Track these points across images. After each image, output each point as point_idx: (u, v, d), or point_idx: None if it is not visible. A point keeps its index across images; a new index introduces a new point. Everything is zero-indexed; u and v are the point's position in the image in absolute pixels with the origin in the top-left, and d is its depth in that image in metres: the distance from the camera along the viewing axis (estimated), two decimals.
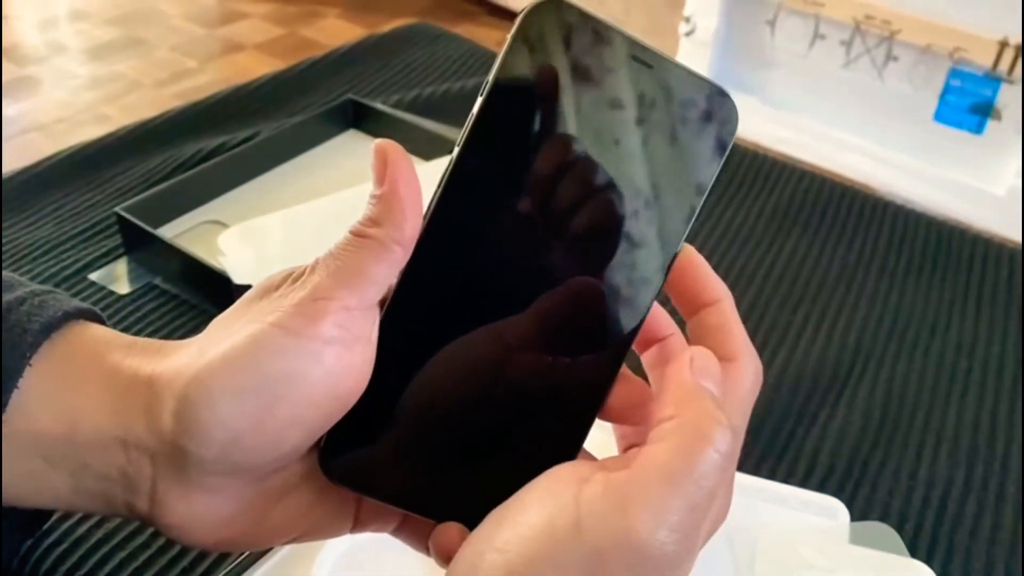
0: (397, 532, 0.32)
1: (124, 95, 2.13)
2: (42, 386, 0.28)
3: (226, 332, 0.28)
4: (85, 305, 0.30)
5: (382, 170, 0.28)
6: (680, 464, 0.26)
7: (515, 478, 0.28)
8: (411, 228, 0.28)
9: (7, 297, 0.29)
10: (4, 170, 0.71)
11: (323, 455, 0.29)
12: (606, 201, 0.29)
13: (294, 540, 0.31)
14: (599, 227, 0.29)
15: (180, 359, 0.28)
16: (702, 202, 0.30)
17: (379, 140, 0.29)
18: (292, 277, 0.28)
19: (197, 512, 0.28)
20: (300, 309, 0.27)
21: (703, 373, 0.28)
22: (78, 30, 2.40)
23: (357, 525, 0.32)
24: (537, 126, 0.28)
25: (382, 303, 0.29)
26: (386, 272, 0.28)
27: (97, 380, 0.28)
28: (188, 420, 0.27)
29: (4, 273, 0.30)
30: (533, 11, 0.27)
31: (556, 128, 0.28)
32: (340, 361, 0.27)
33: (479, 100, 0.28)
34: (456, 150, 0.28)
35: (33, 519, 0.35)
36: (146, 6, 2.54)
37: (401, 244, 0.28)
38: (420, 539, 0.32)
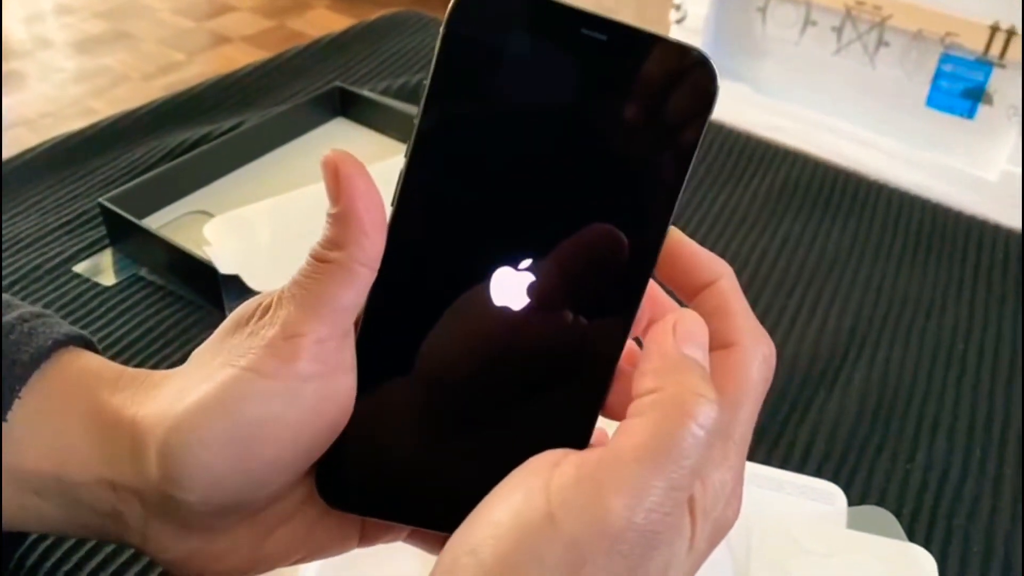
0: (410, 540, 0.31)
1: (111, 89, 2.11)
2: (31, 422, 0.27)
3: (204, 372, 0.26)
4: (75, 331, 0.30)
5: (335, 187, 0.26)
6: (657, 442, 0.24)
7: None
8: (373, 247, 0.26)
9: None
10: None
11: (320, 483, 0.28)
12: (578, 182, 0.27)
13: (299, 561, 0.30)
14: (574, 209, 0.27)
15: (162, 401, 0.27)
16: (689, 170, 0.27)
17: (329, 153, 0.26)
18: (262, 308, 0.27)
19: (193, 548, 0.28)
20: (272, 350, 0.25)
21: (687, 339, 0.26)
22: (64, 24, 2.38)
23: (364, 540, 0.31)
24: (484, 118, 0.26)
25: (357, 322, 0.27)
26: (354, 296, 0.26)
27: (84, 419, 0.27)
28: (170, 468, 0.26)
29: None
30: (461, 7, 0.25)
31: (506, 119, 0.26)
32: (320, 395, 0.26)
33: (421, 101, 0.26)
34: (405, 158, 0.26)
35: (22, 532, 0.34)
36: None
37: (366, 265, 0.26)
38: (435, 544, 0.31)
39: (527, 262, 0.27)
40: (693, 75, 0.26)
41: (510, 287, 0.27)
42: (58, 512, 0.28)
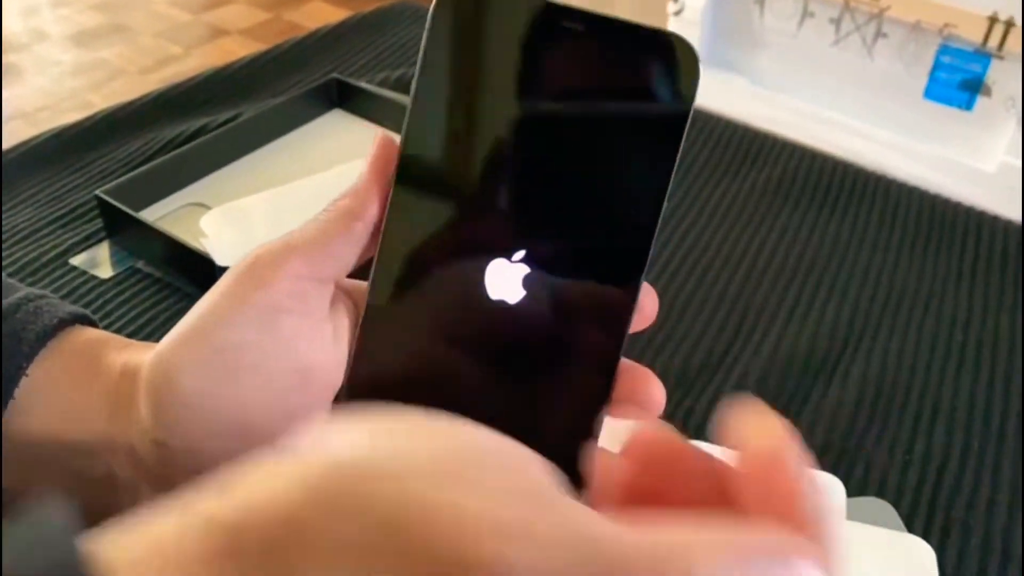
0: None
1: (108, 82, 2.10)
2: (39, 389, 0.27)
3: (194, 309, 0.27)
4: (78, 310, 0.30)
5: (369, 155, 0.28)
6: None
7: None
8: (365, 205, 0.27)
9: (3, 305, 0.28)
10: None
11: None
12: (569, 165, 0.27)
13: None
14: (567, 192, 0.27)
15: (158, 346, 0.27)
16: (678, 158, 0.26)
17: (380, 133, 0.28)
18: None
19: None
20: (250, 276, 0.26)
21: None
22: (60, 16, 2.37)
23: None
24: (470, 108, 0.26)
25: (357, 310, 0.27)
26: (342, 244, 0.27)
27: (91, 380, 0.28)
28: (155, 408, 0.26)
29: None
30: (440, 6, 0.26)
31: (493, 110, 0.26)
32: (295, 332, 0.26)
33: (409, 101, 0.27)
34: (399, 144, 0.27)
35: None
36: None
37: (361, 219, 0.27)
38: None
39: (522, 252, 0.27)
40: (676, 59, 0.26)
41: (507, 275, 0.27)
42: (57, 481, 0.28)
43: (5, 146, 0.71)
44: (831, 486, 0.49)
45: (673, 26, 1.82)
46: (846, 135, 1.63)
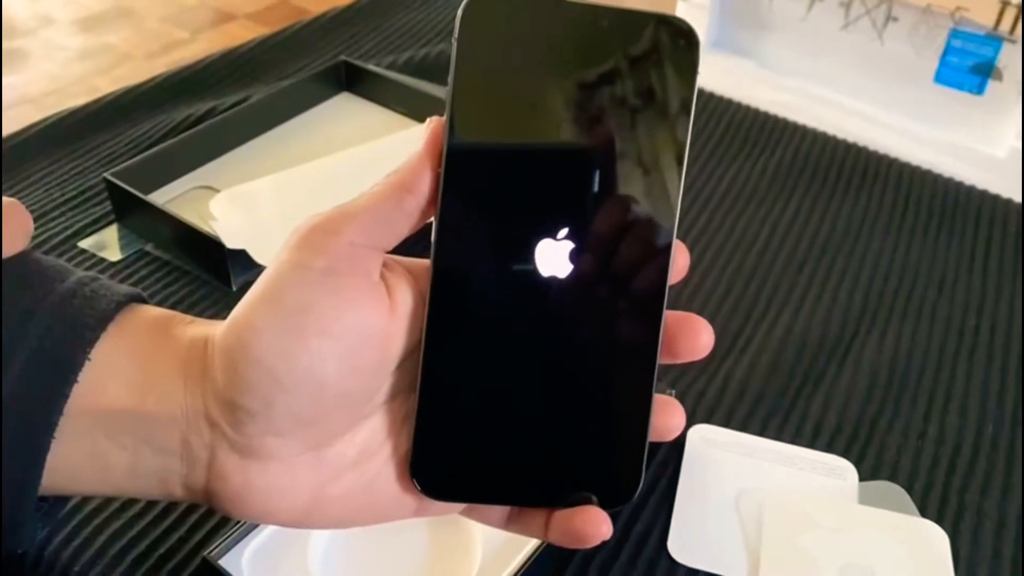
0: (466, 513, 0.32)
1: (115, 67, 2.10)
2: (103, 371, 0.28)
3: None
4: (133, 290, 0.31)
5: (424, 135, 0.29)
6: None
7: (610, 439, 0.29)
8: (424, 180, 0.28)
9: (60, 290, 0.29)
10: None
11: (419, 478, 0.29)
12: (593, 154, 0.29)
13: (354, 523, 0.31)
14: (595, 180, 0.29)
15: (231, 313, 0.28)
16: (690, 127, 0.29)
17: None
18: None
19: (253, 482, 0.28)
20: (309, 242, 0.27)
21: None
22: (67, 1, 2.36)
23: (419, 510, 0.31)
24: (501, 106, 0.28)
25: (419, 303, 0.29)
26: (393, 215, 0.28)
27: (161, 353, 0.29)
28: (230, 369, 0.27)
29: (45, 259, 0.30)
30: (472, 5, 0.28)
31: (521, 104, 0.28)
32: (356, 295, 0.27)
33: (446, 112, 0.28)
34: (444, 138, 0.28)
35: (52, 507, 0.34)
36: None
37: (412, 193, 0.28)
38: (492, 518, 0.31)
39: (564, 231, 0.28)
40: (678, 41, 0.29)
41: (553, 258, 0.29)
42: (124, 458, 0.28)
43: (12, 130, 0.71)
44: (844, 469, 0.49)
45: (682, 11, 1.81)
46: (855, 119, 1.62)
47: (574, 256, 0.28)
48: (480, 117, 0.28)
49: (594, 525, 0.29)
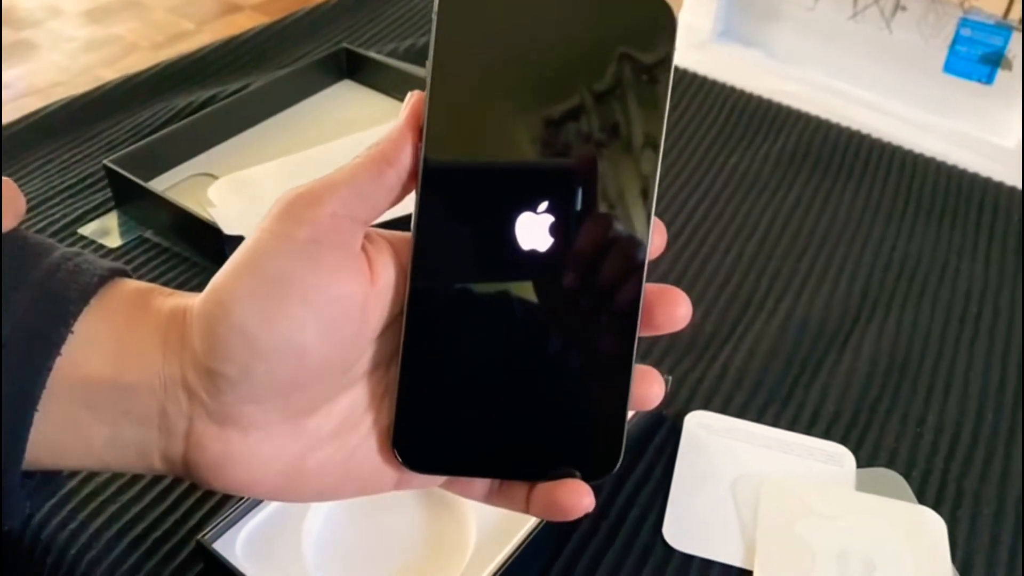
0: (446, 486, 0.31)
1: (121, 58, 2.10)
2: (89, 335, 0.28)
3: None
4: (117, 264, 0.31)
5: (404, 109, 0.29)
6: None
7: (590, 412, 0.29)
8: (405, 153, 0.29)
9: (44, 264, 0.29)
10: None
11: (400, 451, 0.29)
12: (571, 124, 0.29)
13: (333, 494, 0.31)
14: (574, 149, 0.29)
15: (211, 282, 0.29)
16: (666, 114, 0.29)
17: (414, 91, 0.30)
18: None
19: (232, 451, 0.28)
20: (291, 212, 0.28)
21: None
22: None
23: (400, 483, 0.31)
24: (480, 77, 0.29)
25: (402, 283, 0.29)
26: (372, 188, 0.28)
27: (141, 323, 0.29)
28: (208, 335, 0.27)
29: (27, 235, 0.30)
30: None
31: (500, 74, 0.29)
32: (336, 266, 0.28)
33: (427, 86, 0.29)
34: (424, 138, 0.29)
35: (43, 485, 0.34)
36: None
37: (392, 166, 0.28)
38: (473, 492, 0.31)
39: (543, 206, 0.29)
40: (654, 16, 0.29)
41: (532, 233, 0.29)
42: (105, 430, 0.28)
43: (18, 117, 0.71)
44: (841, 456, 0.49)
45: (690, 1, 1.80)
46: (864, 109, 1.61)
47: (554, 230, 0.29)
48: (459, 91, 0.29)
49: (576, 497, 0.29)
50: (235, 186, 0.60)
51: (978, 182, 0.71)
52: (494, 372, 0.29)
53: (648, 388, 0.30)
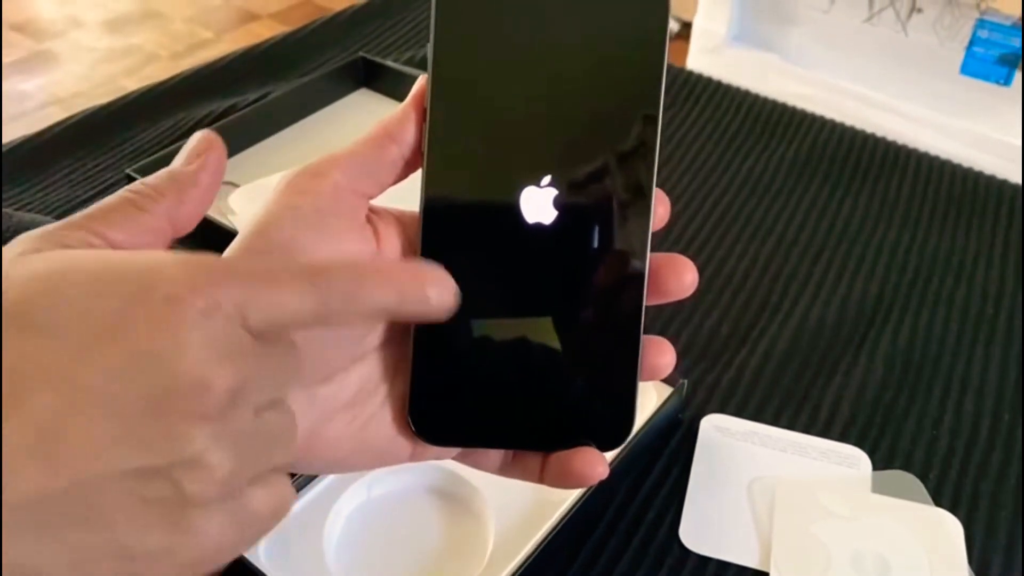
0: (459, 458, 0.32)
1: (141, 67, 2.12)
2: None
3: None
4: None
5: (411, 93, 0.30)
6: None
7: (601, 382, 0.30)
8: (408, 130, 0.29)
9: None
10: (20, 137, 0.71)
11: (416, 423, 0.30)
12: (569, 107, 0.30)
13: (348, 464, 0.31)
14: (573, 131, 0.30)
15: (225, 252, 0.29)
16: (663, 94, 0.30)
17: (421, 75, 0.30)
18: None
19: None
20: (295, 184, 0.28)
21: None
22: (95, 3, 2.40)
23: (415, 455, 0.31)
24: (479, 64, 0.30)
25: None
26: (376, 163, 0.29)
27: None
28: None
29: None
30: None
31: (499, 62, 0.29)
32: (343, 234, 0.28)
33: (428, 68, 0.29)
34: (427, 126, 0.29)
35: None
36: None
37: (395, 142, 0.29)
38: (485, 463, 0.32)
39: (547, 179, 0.29)
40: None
41: (537, 205, 0.29)
42: None
43: (40, 128, 0.72)
44: (857, 458, 0.49)
45: (704, 3, 1.80)
46: (881, 112, 1.61)
47: (559, 203, 0.29)
48: (459, 71, 0.30)
49: (590, 465, 0.29)
50: (256, 194, 0.61)
51: (994, 184, 0.71)
52: (506, 344, 0.30)
53: (659, 357, 0.30)
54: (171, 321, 0.21)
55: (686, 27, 1.89)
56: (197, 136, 0.28)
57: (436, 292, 0.26)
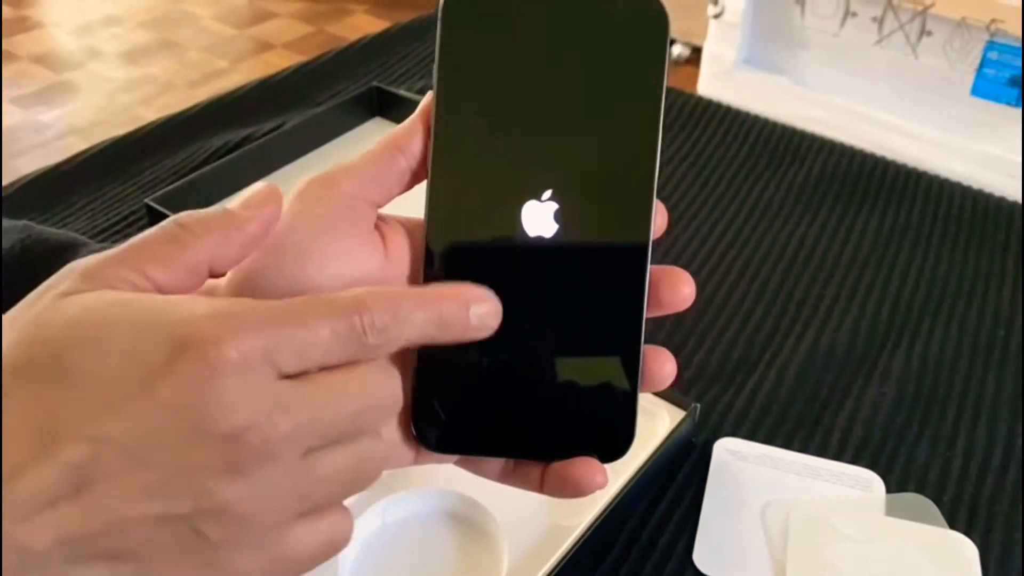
0: (461, 464, 0.32)
1: (158, 96, 2.16)
2: None
3: None
4: None
5: (420, 107, 0.31)
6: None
7: (601, 393, 0.30)
8: (416, 141, 0.30)
9: None
10: (41, 168, 0.72)
11: (418, 430, 0.30)
12: (569, 123, 0.30)
13: None
14: (574, 146, 0.30)
15: None
16: (662, 109, 0.30)
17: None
18: None
19: None
20: (306, 192, 0.29)
21: None
22: (112, 34, 2.43)
23: (418, 459, 0.32)
24: (483, 83, 0.30)
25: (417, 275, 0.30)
26: (384, 173, 0.30)
27: None
28: (239, 294, 0.29)
29: None
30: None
31: (502, 81, 0.30)
32: (352, 242, 0.29)
33: (434, 85, 0.30)
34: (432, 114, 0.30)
35: None
36: (177, 8, 2.57)
37: (403, 153, 0.30)
38: (484, 469, 0.32)
39: (547, 192, 0.30)
40: (646, 14, 0.31)
41: (539, 218, 0.30)
42: None
43: (59, 159, 0.74)
44: (870, 481, 0.49)
45: (713, 28, 1.82)
46: (892, 134, 1.61)
47: (560, 216, 0.30)
48: (464, 88, 0.30)
49: (590, 474, 0.30)
50: None
51: (1004, 205, 0.72)
52: (508, 354, 0.30)
53: (660, 368, 0.31)
54: (203, 376, 0.22)
55: (696, 52, 1.91)
56: (260, 186, 0.29)
57: (478, 312, 0.27)
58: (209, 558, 0.23)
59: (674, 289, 0.30)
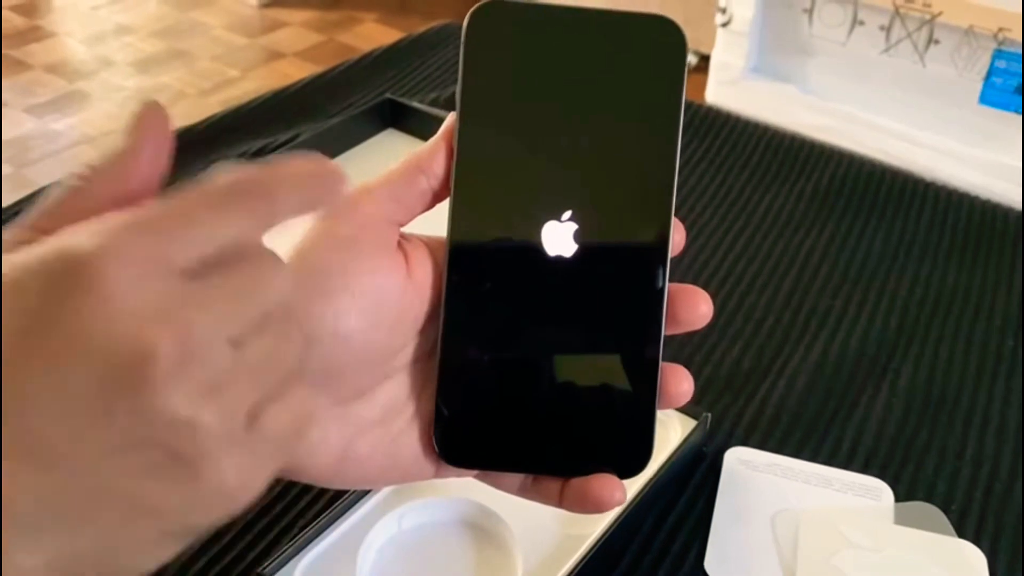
0: (480, 478, 0.33)
1: (170, 106, 2.14)
2: None
3: None
4: None
5: (443, 127, 0.32)
6: None
7: (620, 410, 0.31)
8: (438, 162, 0.31)
9: None
10: (50, 180, 0.73)
11: (439, 445, 0.31)
12: (589, 145, 0.31)
13: (379, 480, 0.32)
14: (591, 168, 0.31)
15: None
16: (680, 129, 0.31)
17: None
18: None
19: None
20: (328, 213, 0.30)
21: None
22: (124, 44, 2.45)
23: (439, 471, 0.32)
24: (505, 105, 0.31)
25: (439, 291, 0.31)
26: (406, 193, 0.31)
27: None
28: None
29: None
30: (476, 14, 0.31)
31: (523, 105, 0.31)
32: (376, 260, 0.30)
33: (456, 104, 0.31)
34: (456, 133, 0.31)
35: None
36: (188, 18, 2.59)
37: (425, 173, 0.31)
38: (504, 484, 0.33)
39: (568, 212, 0.31)
40: (666, 37, 0.31)
41: (559, 237, 0.31)
42: None
43: (71, 168, 0.75)
44: (879, 490, 0.50)
45: (721, 37, 1.82)
46: (900, 142, 1.61)
47: (580, 236, 0.31)
48: (486, 110, 0.31)
49: (608, 490, 0.30)
50: (284, 233, 0.63)
51: (1012, 216, 0.72)
52: (528, 371, 0.31)
53: (678, 385, 0.31)
54: (93, 300, 0.20)
55: (704, 60, 1.92)
56: (138, 107, 0.27)
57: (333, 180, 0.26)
58: (192, 473, 0.22)
59: (691, 307, 0.31)
